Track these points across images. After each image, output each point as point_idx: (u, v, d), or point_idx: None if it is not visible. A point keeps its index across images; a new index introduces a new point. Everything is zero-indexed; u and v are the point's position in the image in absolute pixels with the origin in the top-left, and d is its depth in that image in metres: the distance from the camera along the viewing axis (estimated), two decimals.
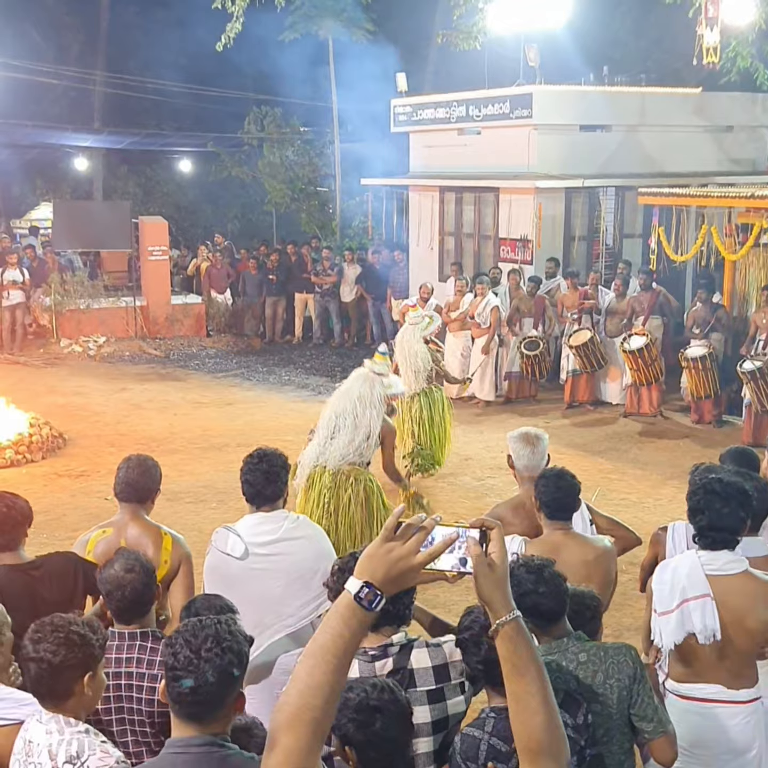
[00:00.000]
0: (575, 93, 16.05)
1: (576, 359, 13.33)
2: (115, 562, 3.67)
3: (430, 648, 3.19)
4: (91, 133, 26.69)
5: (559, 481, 4.45)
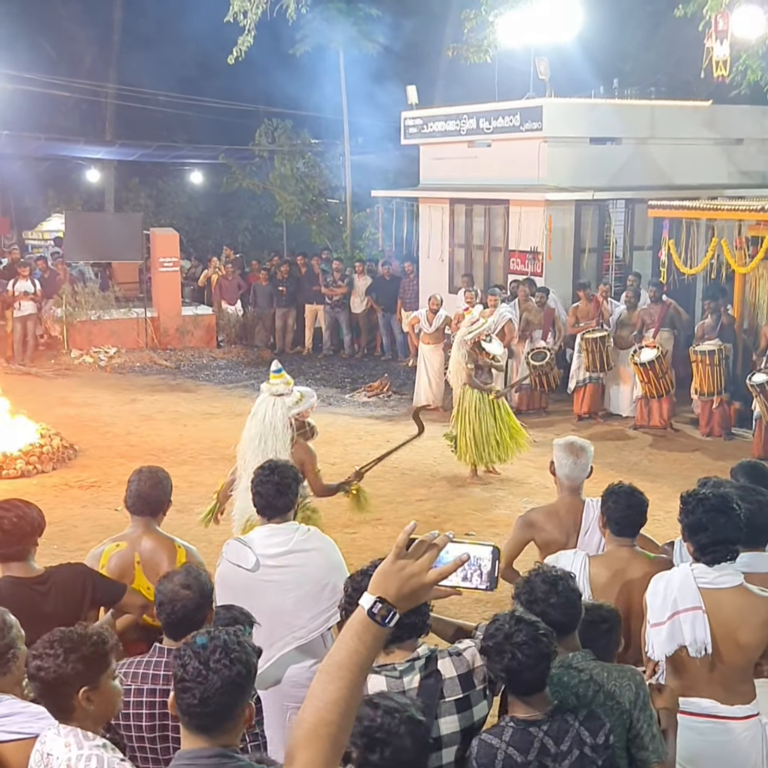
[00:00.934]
0: (585, 106, 16.08)
1: (584, 355, 13.33)
2: (176, 575, 3.61)
3: (453, 657, 3.20)
4: (103, 145, 26.83)
5: (631, 498, 4.45)
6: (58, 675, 2.95)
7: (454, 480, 10.97)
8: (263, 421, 6.51)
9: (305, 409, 6.70)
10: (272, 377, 6.77)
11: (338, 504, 9.99)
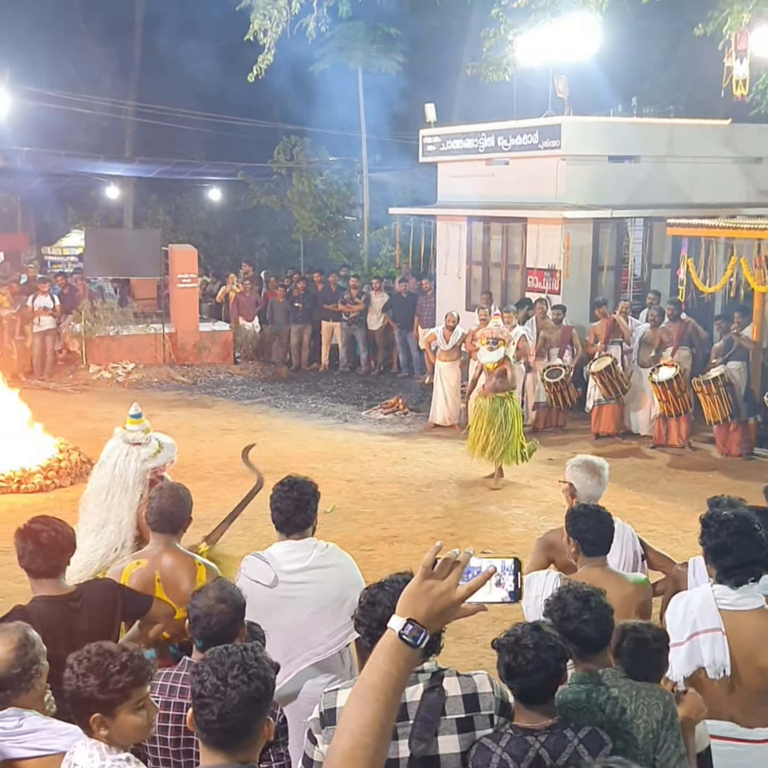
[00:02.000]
0: (604, 124, 16.09)
1: (599, 387, 13.29)
2: (210, 589, 3.62)
3: (460, 677, 3.17)
4: (123, 162, 27.02)
5: (599, 515, 4.43)
6: (74, 692, 2.95)
7: (471, 497, 10.94)
8: (113, 472, 5.64)
9: (163, 463, 5.78)
10: (129, 422, 5.88)
11: (354, 521, 10.00)
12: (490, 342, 11.07)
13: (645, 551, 4.96)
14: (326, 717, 3.12)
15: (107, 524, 5.47)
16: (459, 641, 6.82)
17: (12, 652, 3.19)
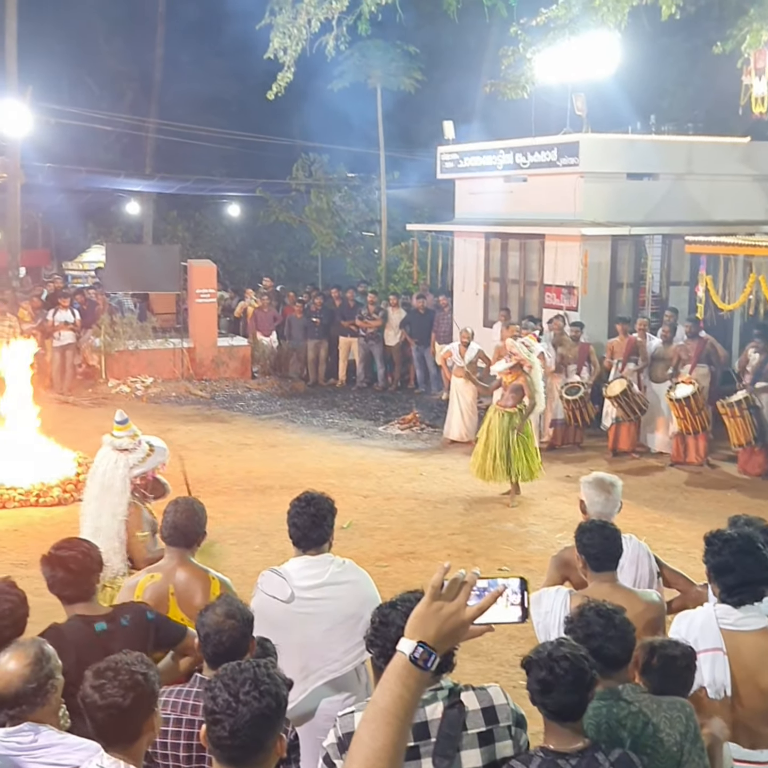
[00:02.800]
0: (622, 141, 16.10)
1: (617, 410, 13.25)
2: (217, 606, 3.61)
3: (476, 691, 3.17)
4: (143, 178, 27.24)
5: (604, 530, 4.42)
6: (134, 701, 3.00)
7: (488, 514, 10.92)
8: (102, 480, 5.73)
9: (153, 467, 5.85)
10: (116, 428, 5.92)
11: (370, 537, 9.99)
12: (507, 355, 11.15)
13: (660, 569, 4.95)
14: (345, 741, 3.09)
15: (99, 532, 5.50)
16: (475, 659, 6.80)
17: (28, 667, 3.20)
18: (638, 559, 4.96)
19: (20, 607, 3.83)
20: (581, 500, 5.04)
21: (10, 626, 3.74)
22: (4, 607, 3.76)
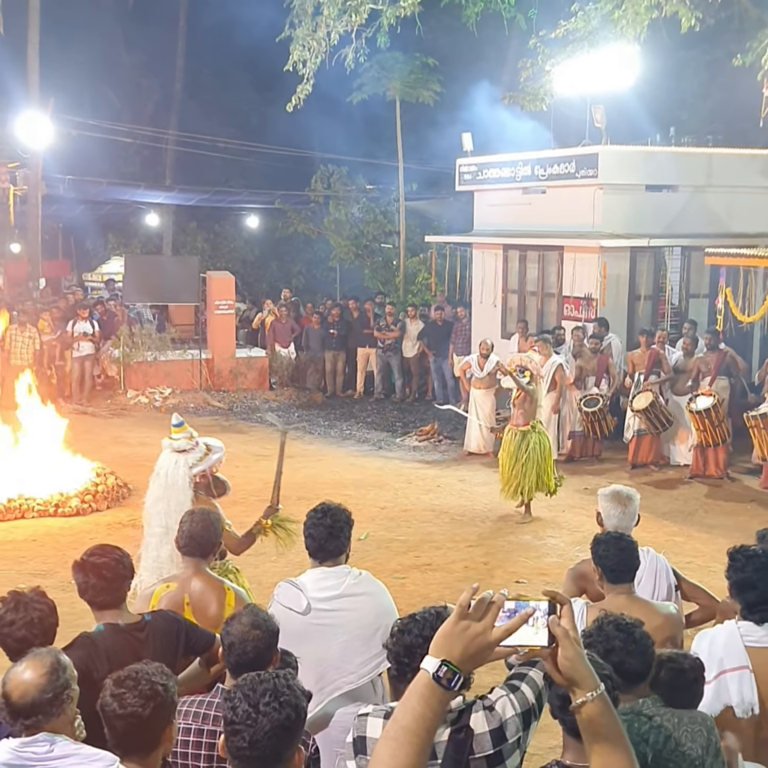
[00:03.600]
0: (641, 153, 16.07)
1: (644, 423, 13.18)
2: (243, 616, 3.62)
3: (485, 712, 3.14)
4: (163, 190, 27.37)
5: (620, 542, 4.40)
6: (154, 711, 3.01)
7: (505, 526, 10.88)
8: (165, 481, 6.08)
9: (210, 465, 6.20)
10: (173, 431, 6.29)
11: (387, 549, 9.97)
12: (518, 370, 10.86)
13: (679, 582, 4.92)
14: (358, 744, 3.11)
15: (170, 531, 5.68)
16: (492, 671, 6.73)
17: (44, 676, 3.19)
18: (656, 572, 4.93)
19: (49, 616, 3.84)
20: (598, 513, 5.03)
21: (40, 635, 3.75)
22: (33, 615, 3.77)
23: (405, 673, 3.05)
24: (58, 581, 7.66)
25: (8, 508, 10.84)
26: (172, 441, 6.23)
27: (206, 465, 6.13)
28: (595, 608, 4.34)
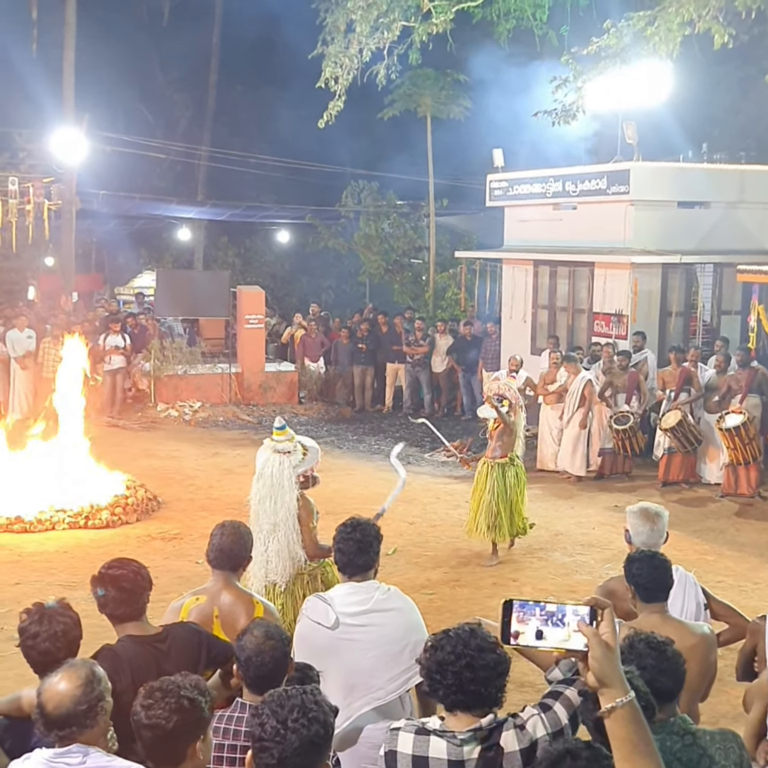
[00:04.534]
0: (673, 169, 16.02)
1: (672, 442, 13.09)
2: (254, 628, 3.63)
3: (516, 730, 3.12)
4: (195, 205, 27.58)
5: (653, 560, 4.36)
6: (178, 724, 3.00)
7: (534, 543, 10.82)
8: (271, 481, 6.42)
9: (310, 466, 6.56)
10: (276, 434, 6.59)
11: (416, 565, 9.95)
12: (495, 398, 10.08)
13: (708, 601, 4.86)
14: (389, 759, 3.10)
15: (277, 527, 6.33)
16: (520, 689, 6.72)
17: (79, 688, 3.20)
18: (685, 590, 4.88)
19: (73, 629, 3.85)
20: (626, 530, 4.99)
21: (64, 648, 3.76)
22: (57, 628, 3.78)
23: (437, 689, 3.04)
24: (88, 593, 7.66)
25: (39, 520, 10.93)
26: (276, 443, 6.55)
27: (307, 465, 6.53)
28: (627, 627, 4.30)
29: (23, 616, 3.85)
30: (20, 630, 3.83)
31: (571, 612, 2.14)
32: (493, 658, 3.05)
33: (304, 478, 6.50)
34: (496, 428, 10.18)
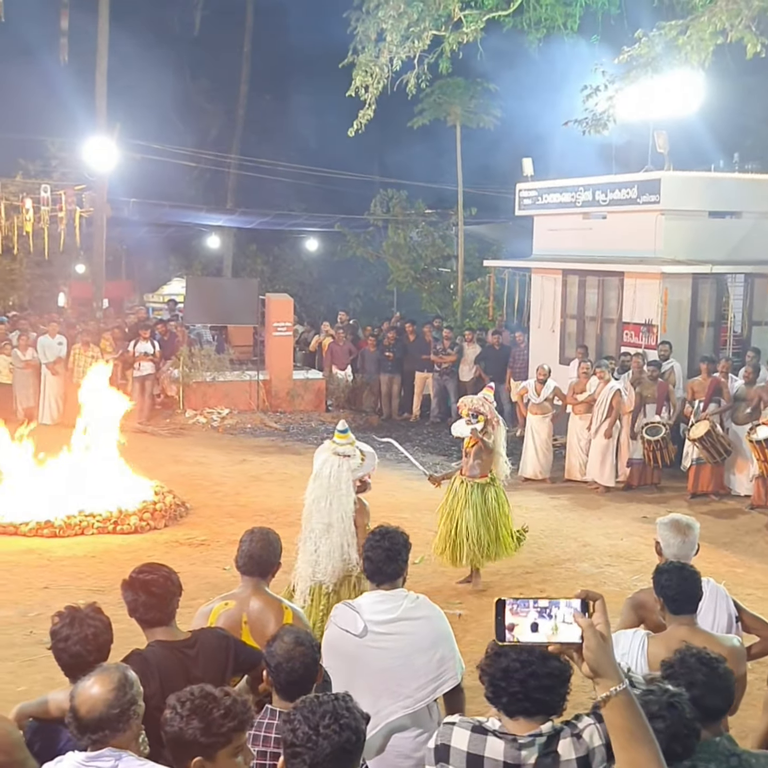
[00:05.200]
0: (704, 179, 15.93)
1: (701, 452, 12.98)
2: (284, 635, 3.63)
3: (573, 739, 3.12)
4: (224, 213, 27.75)
5: (683, 571, 4.32)
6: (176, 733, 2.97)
7: (562, 553, 10.76)
8: (329, 482, 6.47)
9: (367, 472, 6.61)
10: (338, 437, 6.65)
11: (443, 573, 9.91)
12: (470, 415, 9.44)
13: (739, 613, 4.81)
14: (441, 752, 3.08)
15: (331, 528, 6.38)
16: None
17: (112, 692, 3.21)
18: (716, 602, 4.84)
19: (104, 632, 3.87)
20: (657, 542, 4.95)
21: (94, 651, 3.77)
22: (87, 632, 3.80)
23: (500, 696, 3.03)
24: (116, 598, 7.67)
25: (68, 525, 10.99)
26: (336, 445, 6.59)
27: (365, 471, 6.58)
28: (657, 639, 4.26)
29: (55, 619, 3.88)
30: (52, 633, 3.85)
31: (564, 605, 2.19)
32: (558, 666, 3.07)
33: (360, 482, 6.56)
34: (473, 446, 9.36)
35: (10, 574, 9.67)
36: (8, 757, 3.43)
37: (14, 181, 21.08)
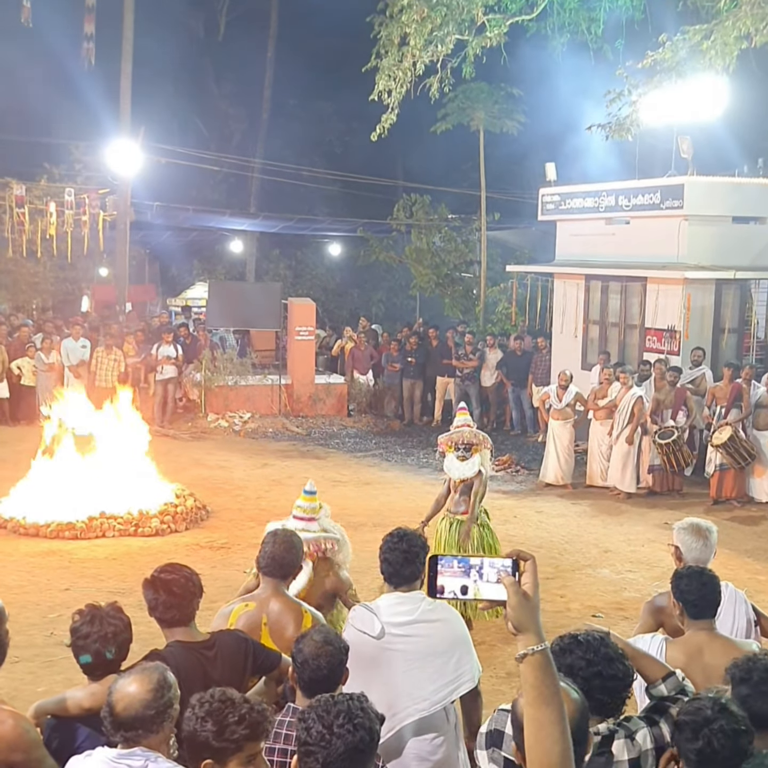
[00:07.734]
0: (728, 185, 15.84)
1: (725, 458, 12.90)
2: (314, 634, 3.65)
3: (626, 740, 3.13)
4: (247, 217, 27.82)
5: (702, 576, 4.30)
6: (190, 733, 2.99)
7: (583, 559, 10.72)
8: None
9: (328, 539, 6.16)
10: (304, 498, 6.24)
11: None
12: (461, 449, 8.69)
13: (758, 618, 4.78)
14: (495, 736, 3.09)
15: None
16: None
17: (150, 692, 3.23)
18: (735, 607, 4.82)
19: (124, 631, 3.89)
20: (676, 547, 4.93)
21: (114, 650, 3.80)
22: (107, 630, 3.82)
23: None
24: (137, 600, 7.70)
25: (89, 527, 11.04)
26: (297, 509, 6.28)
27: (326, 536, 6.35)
28: (676, 644, 4.24)
29: (76, 617, 3.91)
30: (72, 630, 3.88)
31: (496, 564, 2.27)
32: (622, 669, 3.11)
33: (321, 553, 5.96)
34: (463, 481, 8.64)
35: (31, 575, 9.73)
36: (26, 755, 3.45)
37: (38, 184, 21.23)
